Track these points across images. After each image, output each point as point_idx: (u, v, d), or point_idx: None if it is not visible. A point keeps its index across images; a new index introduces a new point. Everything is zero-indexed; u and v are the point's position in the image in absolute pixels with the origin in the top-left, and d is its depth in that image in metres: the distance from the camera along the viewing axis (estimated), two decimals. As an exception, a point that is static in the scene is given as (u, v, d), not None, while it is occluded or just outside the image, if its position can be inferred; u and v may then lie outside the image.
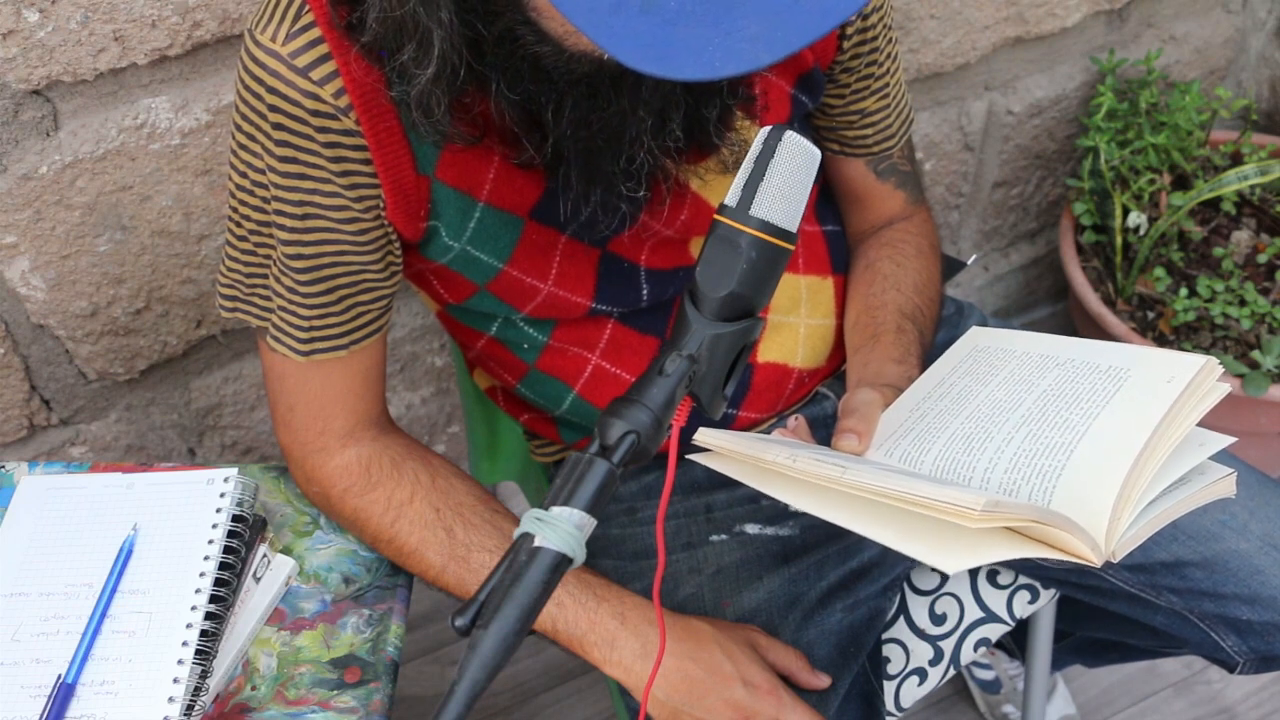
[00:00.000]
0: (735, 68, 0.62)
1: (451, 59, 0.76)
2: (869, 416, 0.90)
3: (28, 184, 1.12)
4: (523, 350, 1.03)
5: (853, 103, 1.05)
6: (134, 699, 0.86)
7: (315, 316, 0.91)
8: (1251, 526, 1.01)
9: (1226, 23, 1.82)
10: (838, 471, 0.75)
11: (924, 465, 0.85)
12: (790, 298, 1.06)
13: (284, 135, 0.83)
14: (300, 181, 0.85)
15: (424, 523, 0.95)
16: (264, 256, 0.91)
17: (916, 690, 1.10)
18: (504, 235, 0.92)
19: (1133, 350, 0.88)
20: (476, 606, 0.66)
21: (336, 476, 0.96)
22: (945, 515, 0.70)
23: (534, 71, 0.77)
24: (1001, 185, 1.81)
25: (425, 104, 0.78)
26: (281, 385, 0.95)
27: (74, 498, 0.99)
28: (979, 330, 1.00)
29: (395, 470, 0.96)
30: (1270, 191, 1.78)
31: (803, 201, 0.76)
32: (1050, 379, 0.88)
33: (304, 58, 0.80)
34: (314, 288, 0.90)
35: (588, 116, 0.80)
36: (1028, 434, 0.83)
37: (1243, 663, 1.05)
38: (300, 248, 0.88)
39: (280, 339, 0.93)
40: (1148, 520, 0.78)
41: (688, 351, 0.73)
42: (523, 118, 0.81)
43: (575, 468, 0.69)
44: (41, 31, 1.04)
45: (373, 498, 0.96)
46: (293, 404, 0.95)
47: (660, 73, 0.62)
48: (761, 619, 0.98)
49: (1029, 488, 0.80)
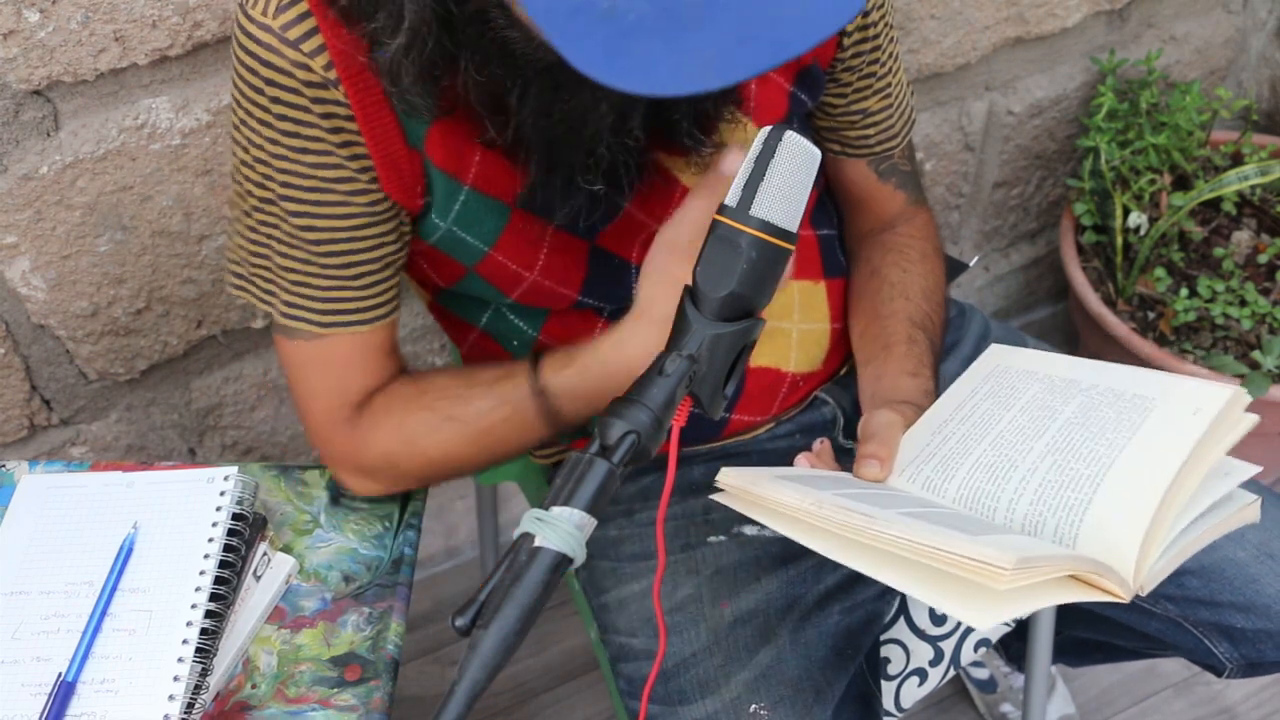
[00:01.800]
0: (680, 88, 0.63)
1: (422, 32, 0.77)
2: (890, 441, 0.89)
3: (28, 184, 1.12)
4: (512, 345, 1.03)
5: (855, 102, 1.04)
6: (134, 697, 0.86)
7: (332, 289, 0.90)
8: (1248, 535, 1.01)
9: (1227, 23, 1.82)
10: (865, 521, 0.74)
11: (947, 494, 0.85)
12: (782, 304, 1.06)
13: (284, 109, 0.83)
14: (304, 155, 0.85)
15: (431, 427, 0.93)
16: (266, 235, 0.90)
17: (917, 691, 1.10)
18: (489, 221, 0.92)
19: (1158, 377, 0.88)
20: (476, 606, 0.66)
21: (360, 443, 0.95)
22: (973, 575, 0.69)
23: (502, 54, 0.78)
24: (1002, 185, 1.81)
25: (394, 73, 0.79)
26: (301, 372, 0.94)
27: (74, 496, 0.99)
28: (999, 349, 0.99)
29: (384, 397, 0.95)
30: (1271, 192, 1.78)
31: (803, 202, 0.76)
32: (1074, 406, 0.87)
33: (294, 30, 0.81)
34: (330, 260, 0.89)
35: (550, 105, 0.80)
36: (1052, 464, 0.83)
37: (1231, 668, 1.05)
38: (312, 219, 0.87)
39: (295, 315, 0.91)
40: (1175, 552, 0.78)
41: (688, 351, 0.73)
42: (488, 99, 0.82)
43: (575, 468, 0.69)
44: (42, 31, 1.04)
45: (381, 435, 0.94)
46: (314, 389, 0.94)
47: (605, 80, 0.63)
48: (759, 620, 0.99)
49: (1055, 521, 0.79)
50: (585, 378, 0.90)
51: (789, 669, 0.96)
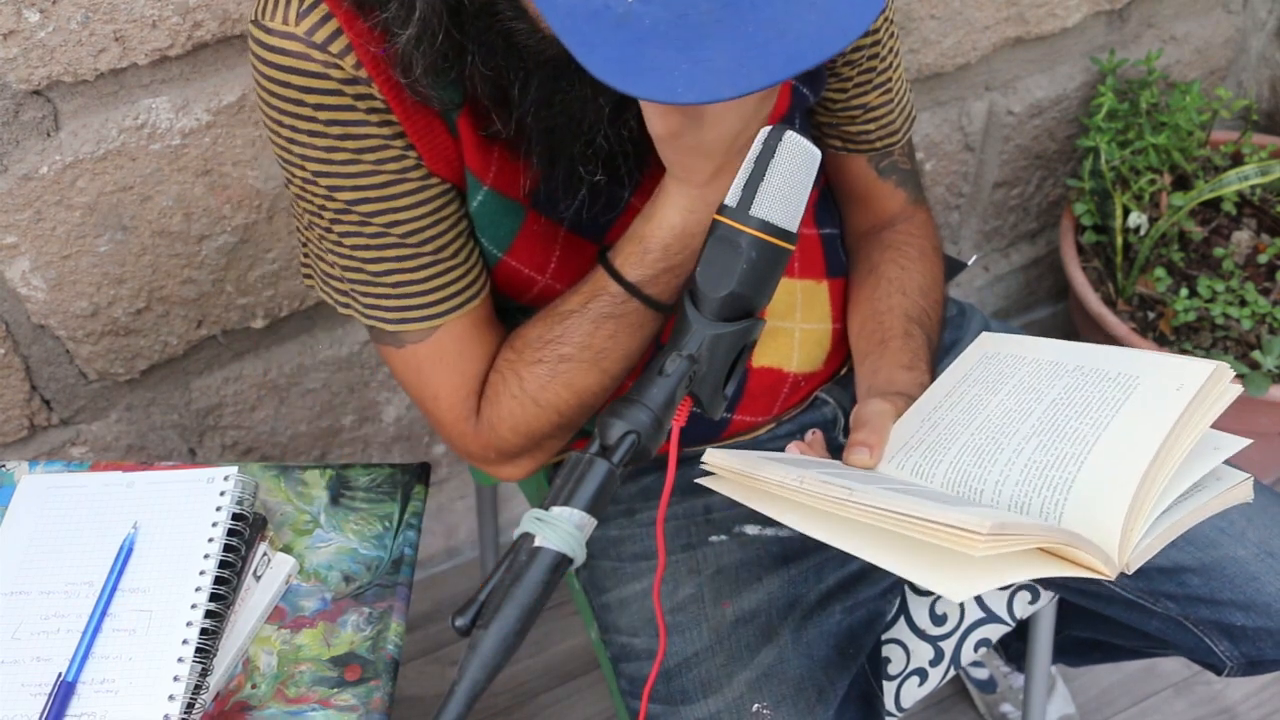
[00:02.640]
0: (695, 97, 0.64)
1: (432, 23, 0.77)
2: (880, 428, 0.89)
3: (28, 184, 1.12)
4: None
5: (855, 97, 1.04)
6: (134, 697, 0.86)
7: (431, 277, 0.90)
8: (1249, 533, 1.01)
9: (1227, 23, 1.82)
10: (844, 492, 0.74)
11: (935, 478, 0.85)
12: (785, 303, 1.06)
13: (330, 114, 0.82)
14: (365, 155, 0.84)
15: (548, 378, 0.92)
16: (350, 247, 0.89)
17: (917, 690, 1.10)
18: (505, 223, 0.92)
19: (1142, 356, 0.88)
20: (476, 607, 0.66)
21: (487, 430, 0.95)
22: (949, 542, 0.68)
23: (506, 46, 0.79)
24: (1002, 185, 1.81)
25: (405, 63, 0.79)
26: (420, 378, 0.93)
27: (74, 496, 0.99)
28: (988, 335, 0.99)
29: (496, 374, 0.94)
30: (1271, 192, 1.78)
31: (803, 201, 0.76)
32: (1059, 387, 0.87)
33: (320, 32, 0.80)
34: (425, 246, 0.89)
35: (550, 96, 0.82)
36: (1038, 445, 0.83)
37: (1231, 666, 1.05)
38: (395, 214, 0.87)
39: (405, 319, 0.91)
40: (1162, 530, 0.77)
41: (688, 351, 0.73)
42: (493, 92, 0.83)
43: (575, 468, 0.69)
44: (42, 32, 1.04)
45: (507, 409, 0.93)
46: (436, 391, 0.94)
47: (619, 86, 0.64)
48: (761, 620, 0.99)
49: (1040, 500, 0.79)
50: (668, 255, 0.87)
51: (791, 668, 0.96)
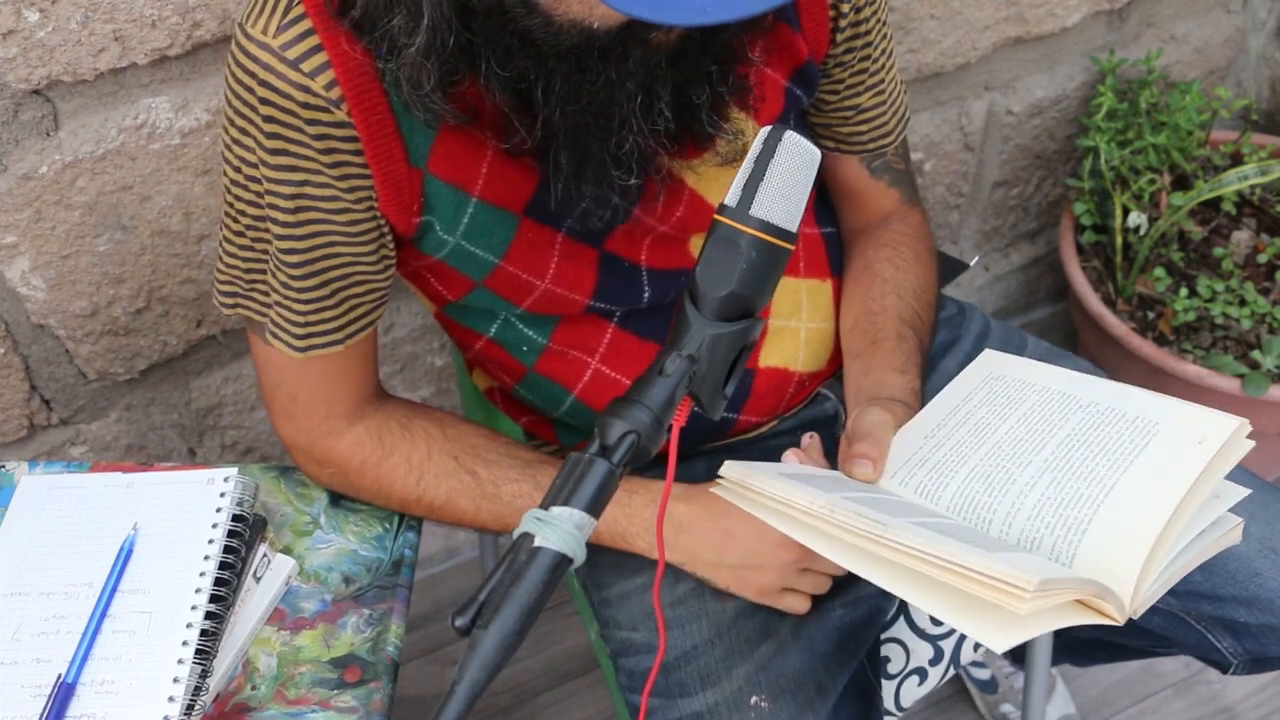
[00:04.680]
0: (726, 14, 0.63)
1: (441, 30, 0.76)
2: (882, 441, 0.89)
3: (28, 184, 1.12)
4: (521, 352, 1.03)
5: (847, 98, 1.04)
6: (134, 699, 0.86)
7: (310, 312, 0.91)
8: (1250, 530, 1.01)
9: (1226, 23, 1.82)
10: (878, 528, 0.74)
11: (942, 501, 0.84)
12: (791, 302, 1.06)
13: (275, 128, 0.83)
14: (291, 174, 0.85)
15: (447, 473, 0.97)
16: (261, 251, 0.91)
17: (916, 690, 1.10)
18: (499, 232, 0.92)
19: (1161, 401, 0.87)
20: (476, 607, 0.66)
21: (351, 452, 0.98)
22: (994, 596, 0.69)
23: (523, 46, 0.78)
24: (1002, 185, 1.81)
25: (415, 77, 0.78)
26: (281, 378, 0.96)
27: (74, 497, 0.99)
28: (994, 355, 0.99)
29: (406, 431, 0.98)
30: (1270, 191, 1.78)
31: (803, 201, 0.76)
32: (1074, 422, 0.87)
33: (295, 49, 0.81)
34: (308, 282, 0.90)
35: (576, 91, 0.80)
36: (1052, 481, 0.82)
37: (1236, 664, 1.05)
38: (294, 241, 0.88)
39: (278, 334, 0.93)
40: (1167, 576, 0.78)
41: (688, 351, 0.73)
42: (513, 98, 0.82)
43: (575, 468, 0.69)
44: (41, 31, 1.04)
45: (392, 463, 0.97)
46: (295, 394, 0.96)
47: (650, 16, 0.63)
48: (762, 614, 0.98)
49: (1053, 539, 0.79)
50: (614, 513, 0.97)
51: (791, 663, 0.96)
